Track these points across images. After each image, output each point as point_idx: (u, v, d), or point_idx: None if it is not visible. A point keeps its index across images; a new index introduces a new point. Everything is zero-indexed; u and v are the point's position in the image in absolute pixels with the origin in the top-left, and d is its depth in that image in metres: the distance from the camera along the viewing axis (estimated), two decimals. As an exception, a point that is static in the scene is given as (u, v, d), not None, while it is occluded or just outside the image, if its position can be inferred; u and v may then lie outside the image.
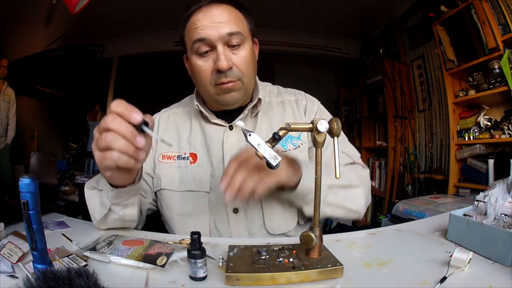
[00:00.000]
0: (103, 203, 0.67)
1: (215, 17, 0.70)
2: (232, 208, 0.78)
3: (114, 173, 0.56)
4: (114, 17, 3.55)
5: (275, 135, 0.49)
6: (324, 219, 0.87)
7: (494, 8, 2.01)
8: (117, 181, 0.61)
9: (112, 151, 0.48)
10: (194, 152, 0.82)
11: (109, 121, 0.48)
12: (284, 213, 0.79)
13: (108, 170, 0.55)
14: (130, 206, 0.68)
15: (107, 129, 0.48)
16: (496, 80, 2.06)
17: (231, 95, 0.74)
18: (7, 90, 3.40)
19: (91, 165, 4.32)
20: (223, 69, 0.70)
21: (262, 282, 0.47)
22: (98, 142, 0.49)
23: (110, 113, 0.49)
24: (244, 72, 0.73)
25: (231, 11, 0.73)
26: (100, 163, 0.51)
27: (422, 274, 0.48)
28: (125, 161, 0.49)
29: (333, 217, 0.77)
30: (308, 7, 3.47)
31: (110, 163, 0.49)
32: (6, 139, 3.43)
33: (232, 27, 0.70)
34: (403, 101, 3.10)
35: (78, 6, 2.58)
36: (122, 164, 0.49)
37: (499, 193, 0.62)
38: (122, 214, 0.68)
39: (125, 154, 0.48)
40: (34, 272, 0.45)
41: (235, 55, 0.72)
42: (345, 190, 0.73)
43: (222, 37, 0.70)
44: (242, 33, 0.72)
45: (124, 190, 0.63)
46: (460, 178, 2.39)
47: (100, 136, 0.49)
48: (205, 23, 0.70)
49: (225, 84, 0.72)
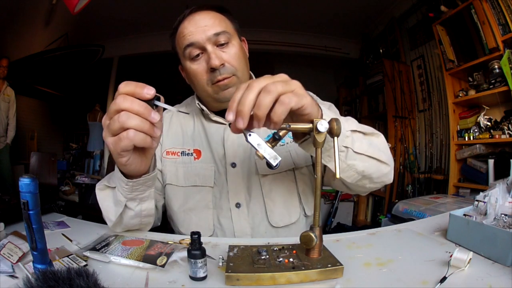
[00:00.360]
0: (117, 202, 0.64)
1: (200, 22, 0.75)
2: (235, 203, 0.79)
3: (131, 157, 0.54)
4: (114, 17, 3.55)
5: (275, 135, 0.49)
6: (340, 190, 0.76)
7: (494, 8, 2.01)
8: (133, 168, 0.57)
9: (128, 130, 0.47)
10: (198, 149, 0.84)
11: (120, 102, 0.47)
12: (286, 204, 0.80)
13: (124, 154, 0.52)
14: (147, 200, 0.66)
15: (119, 110, 0.47)
16: (496, 80, 2.06)
17: (229, 91, 0.76)
18: (7, 90, 3.40)
19: (91, 165, 4.33)
20: (216, 66, 0.73)
21: (262, 282, 0.47)
22: (110, 126, 0.48)
23: (119, 94, 0.48)
24: (236, 67, 0.76)
25: (213, 15, 0.77)
26: (115, 148, 0.50)
27: (422, 274, 0.48)
28: (142, 139, 0.48)
29: (366, 173, 0.64)
30: (308, 7, 3.47)
31: (127, 144, 0.48)
32: (6, 139, 3.43)
33: (217, 28, 0.75)
34: (403, 101, 3.11)
35: (78, 6, 2.58)
36: (140, 143, 0.49)
37: (499, 193, 0.62)
38: (139, 209, 0.65)
39: (141, 131, 0.48)
40: (34, 272, 0.45)
41: (225, 53, 0.75)
42: (368, 138, 0.66)
43: (209, 38, 0.74)
44: (227, 32, 0.76)
45: (139, 181, 0.60)
46: (460, 178, 2.39)
47: (112, 119, 0.48)
48: (192, 29, 0.75)
49: (221, 81, 0.75)
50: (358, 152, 0.61)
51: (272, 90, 0.45)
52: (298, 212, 0.81)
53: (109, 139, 0.50)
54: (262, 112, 0.45)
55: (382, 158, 0.66)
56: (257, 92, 0.46)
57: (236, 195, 0.80)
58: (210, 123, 0.84)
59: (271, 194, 0.80)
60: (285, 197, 0.80)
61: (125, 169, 0.57)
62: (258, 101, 0.45)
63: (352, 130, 0.61)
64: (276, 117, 0.46)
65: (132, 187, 0.61)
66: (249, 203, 0.80)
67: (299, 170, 0.82)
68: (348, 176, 0.64)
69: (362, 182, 0.66)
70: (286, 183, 0.81)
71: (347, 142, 0.59)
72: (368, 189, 0.72)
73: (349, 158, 0.60)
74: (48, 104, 4.94)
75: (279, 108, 0.45)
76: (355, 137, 0.61)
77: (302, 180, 0.82)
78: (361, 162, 0.63)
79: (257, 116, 0.45)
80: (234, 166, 0.80)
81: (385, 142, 0.71)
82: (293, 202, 0.81)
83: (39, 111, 4.80)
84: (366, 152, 0.62)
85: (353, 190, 0.75)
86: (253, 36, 0.77)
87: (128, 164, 0.55)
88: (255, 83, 0.46)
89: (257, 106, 0.45)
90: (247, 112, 0.45)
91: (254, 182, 0.80)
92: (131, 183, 0.60)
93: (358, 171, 0.63)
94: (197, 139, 0.85)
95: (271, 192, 0.80)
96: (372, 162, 0.64)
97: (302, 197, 0.82)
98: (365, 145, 0.63)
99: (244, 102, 0.45)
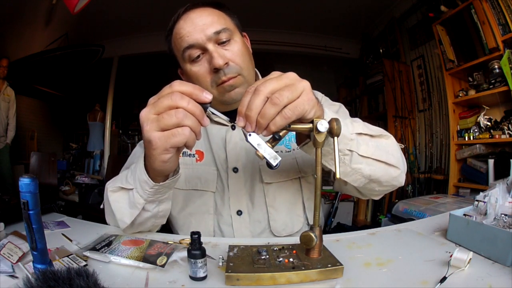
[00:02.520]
0: (133, 204, 0.62)
1: (197, 20, 0.70)
2: (236, 210, 0.77)
3: (174, 155, 0.53)
4: (114, 17, 3.55)
5: (275, 135, 0.49)
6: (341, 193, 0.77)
7: (494, 8, 2.01)
8: (170, 167, 0.55)
9: (183, 127, 0.47)
10: (201, 150, 0.81)
11: (178, 99, 0.47)
12: (289, 213, 0.78)
13: (171, 151, 0.51)
14: (165, 201, 0.65)
15: (174, 106, 0.47)
16: (496, 80, 2.06)
17: (236, 91, 0.72)
18: (7, 90, 3.40)
19: (91, 165, 4.33)
20: (220, 66, 0.68)
21: (262, 282, 0.47)
22: (164, 120, 0.47)
23: (173, 92, 0.47)
24: (241, 65, 0.72)
25: (210, 11, 0.72)
26: (165, 143, 0.48)
27: (422, 274, 0.48)
28: (194, 139, 0.49)
29: (373, 177, 0.62)
30: (309, 7, 3.48)
31: (181, 140, 0.48)
32: (6, 139, 3.43)
33: (216, 26, 0.70)
34: (403, 101, 3.11)
35: (78, 6, 2.58)
36: (191, 143, 0.49)
37: (499, 193, 0.62)
38: (156, 210, 0.64)
39: (194, 132, 0.48)
40: (34, 272, 0.45)
41: (227, 51, 0.71)
42: (375, 140, 0.63)
43: (210, 37, 0.69)
44: (228, 28, 0.71)
45: (165, 184, 0.59)
46: (460, 178, 2.40)
47: (167, 114, 0.47)
48: (189, 29, 0.70)
49: (226, 82, 0.70)
50: (363, 156, 0.59)
51: (279, 102, 0.45)
52: (302, 221, 0.79)
53: (156, 134, 0.48)
54: (265, 121, 0.46)
55: (391, 161, 0.64)
56: (263, 98, 0.46)
57: (237, 201, 0.77)
58: (212, 125, 0.79)
59: (275, 203, 0.77)
60: (289, 206, 0.78)
61: (162, 168, 0.54)
62: (263, 111, 0.45)
63: (358, 133, 0.60)
64: (274, 127, 0.46)
65: (157, 190, 0.60)
66: (251, 211, 0.77)
67: (305, 179, 0.79)
68: (354, 180, 0.62)
69: (370, 185, 0.64)
70: (291, 192, 0.78)
71: (352, 146, 0.57)
72: (379, 193, 0.70)
73: (354, 162, 0.59)
74: (48, 104, 4.94)
75: (279, 120, 0.46)
76: (361, 140, 0.60)
77: (307, 188, 0.79)
78: (367, 166, 0.61)
79: (259, 124, 0.46)
80: (236, 171, 0.78)
81: (394, 144, 0.68)
82: (297, 211, 0.79)
83: (39, 111, 4.80)
84: (372, 155, 0.60)
85: (364, 195, 0.73)
86: (253, 36, 0.77)
87: (168, 162, 0.53)
88: (262, 88, 0.46)
89: (261, 115, 0.45)
90: (254, 117, 0.46)
91: (257, 189, 0.78)
92: (157, 186, 0.59)
93: (364, 175, 0.61)
94: (200, 140, 0.83)
95: (275, 200, 0.77)
96: (379, 165, 0.62)
97: (307, 206, 0.79)
98: (371, 148, 0.61)
99: (251, 108, 0.45)
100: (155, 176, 0.58)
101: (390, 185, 0.67)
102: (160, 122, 0.48)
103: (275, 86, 0.47)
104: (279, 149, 0.78)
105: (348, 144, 0.57)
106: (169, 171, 0.58)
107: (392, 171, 0.65)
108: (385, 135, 0.67)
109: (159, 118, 0.48)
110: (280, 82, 0.47)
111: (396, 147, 0.68)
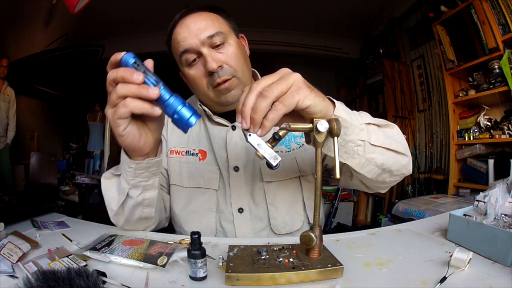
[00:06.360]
0: (121, 190, 0.64)
1: (191, 25, 0.72)
2: (237, 208, 0.79)
3: (128, 127, 0.53)
4: (114, 17, 3.55)
5: (275, 135, 0.49)
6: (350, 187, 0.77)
7: (494, 8, 2.01)
8: (131, 140, 0.55)
9: (127, 99, 0.49)
10: (203, 149, 0.82)
11: (118, 76, 0.49)
12: (290, 211, 0.79)
13: (120, 122, 0.52)
14: (150, 189, 0.65)
15: (114, 81, 0.50)
16: (496, 80, 2.06)
17: (231, 94, 0.74)
18: (7, 90, 3.41)
19: (91, 165, 4.33)
20: (213, 70, 0.70)
21: (262, 282, 0.47)
22: (110, 98, 0.51)
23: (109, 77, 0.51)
24: (236, 68, 0.73)
25: (205, 16, 0.74)
26: (114, 117, 0.51)
27: (422, 274, 0.48)
28: (141, 108, 0.49)
29: (385, 166, 0.62)
30: (308, 7, 3.48)
31: (124, 111, 0.50)
32: (6, 139, 3.43)
33: (210, 30, 0.72)
34: (403, 101, 3.11)
35: (78, 6, 2.59)
36: (137, 109, 0.49)
37: (499, 193, 0.62)
38: (141, 198, 0.65)
39: (138, 98, 0.49)
40: (34, 272, 0.45)
41: (222, 54, 0.73)
42: (382, 130, 0.64)
43: (203, 41, 0.71)
44: (222, 32, 0.73)
45: (142, 164, 0.60)
46: (460, 178, 2.40)
47: (112, 92, 0.50)
48: (184, 35, 0.72)
49: (221, 85, 0.72)
50: (375, 145, 0.59)
51: (268, 95, 0.46)
52: (302, 220, 0.80)
53: (109, 111, 0.52)
54: (258, 116, 0.46)
55: (400, 149, 0.65)
56: (256, 93, 0.47)
57: (239, 199, 0.79)
58: (213, 125, 0.82)
59: (275, 201, 0.79)
60: (289, 204, 0.79)
61: (124, 142, 0.56)
62: (255, 106, 0.46)
63: (367, 123, 0.60)
64: (268, 123, 0.47)
65: (135, 171, 0.60)
66: (252, 208, 0.79)
67: (304, 178, 0.81)
68: (368, 171, 0.61)
69: (382, 176, 0.65)
70: (291, 190, 0.80)
71: (363, 136, 0.57)
72: (388, 184, 0.70)
73: (367, 152, 0.59)
74: (48, 104, 4.95)
75: (271, 114, 0.47)
76: (371, 129, 0.60)
77: (307, 187, 0.81)
78: (380, 155, 0.61)
79: (253, 120, 0.46)
80: (237, 170, 0.79)
81: (400, 133, 0.69)
82: (297, 210, 0.80)
83: (39, 111, 4.80)
84: (383, 144, 0.61)
85: (371, 188, 0.73)
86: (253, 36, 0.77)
87: (125, 135, 0.54)
88: (254, 85, 0.48)
89: (254, 110, 0.46)
90: (248, 112, 0.47)
91: (258, 187, 0.79)
92: (134, 165, 0.60)
93: (377, 164, 0.61)
94: (202, 139, 0.83)
95: (275, 199, 0.79)
96: (390, 154, 0.63)
97: (307, 204, 0.81)
98: (381, 137, 0.61)
99: (245, 104, 0.47)
100: (133, 156, 0.60)
101: (400, 173, 0.67)
102: (109, 101, 0.52)
103: (268, 82, 0.48)
104: (279, 149, 0.79)
105: (359, 134, 0.57)
106: (135, 146, 0.57)
107: (401, 158, 0.66)
108: (390, 124, 0.68)
109: (109, 98, 0.52)
110: (273, 78, 0.49)
111: (401, 136, 0.69)
